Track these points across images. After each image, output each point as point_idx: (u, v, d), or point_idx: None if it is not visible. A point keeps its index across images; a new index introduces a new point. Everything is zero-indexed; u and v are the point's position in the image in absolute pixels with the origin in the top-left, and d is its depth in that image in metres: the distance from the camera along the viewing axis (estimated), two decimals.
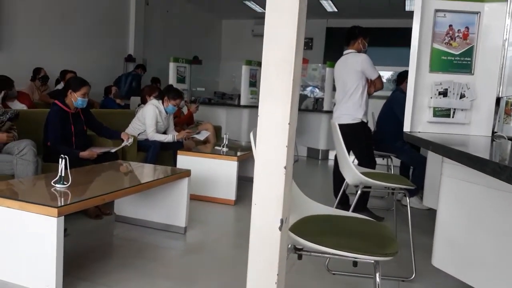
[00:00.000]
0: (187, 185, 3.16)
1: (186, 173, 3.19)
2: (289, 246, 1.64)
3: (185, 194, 3.17)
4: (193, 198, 3.85)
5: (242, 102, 7.53)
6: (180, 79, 8.10)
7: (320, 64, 8.92)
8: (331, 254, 1.50)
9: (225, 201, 4.09)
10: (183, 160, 4.12)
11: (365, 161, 3.77)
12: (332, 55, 4.99)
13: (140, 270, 2.53)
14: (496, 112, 2.39)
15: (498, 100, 2.40)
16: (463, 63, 2.43)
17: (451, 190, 2.11)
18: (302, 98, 8.62)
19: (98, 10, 8.10)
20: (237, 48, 11.82)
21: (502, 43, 2.35)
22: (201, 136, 4.98)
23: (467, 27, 2.40)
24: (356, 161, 3.94)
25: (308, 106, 7.88)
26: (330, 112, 5.74)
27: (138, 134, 4.62)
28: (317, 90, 8.95)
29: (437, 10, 2.41)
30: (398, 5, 9.37)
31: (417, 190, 4.02)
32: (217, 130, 6.04)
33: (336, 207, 3.31)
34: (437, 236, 2.22)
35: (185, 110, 6.04)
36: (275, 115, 1.34)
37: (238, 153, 4.31)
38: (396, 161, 4.51)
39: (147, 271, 2.52)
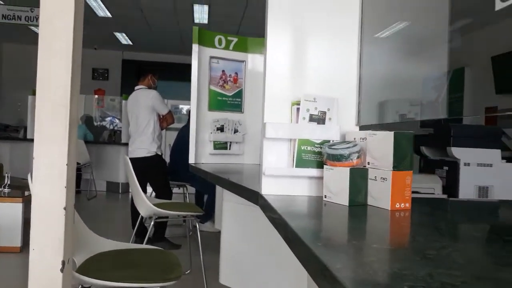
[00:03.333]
0: None
1: None
2: (79, 286, 1.64)
3: None
4: None
5: (30, 135, 6.85)
6: None
7: (118, 96, 8.81)
8: (117, 287, 1.57)
9: (8, 249, 3.64)
10: None
11: (162, 192, 3.92)
12: (128, 87, 5.05)
13: None
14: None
15: None
16: (235, 103, 2.85)
17: (230, 212, 2.42)
18: (100, 129, 8.34)
19: None
20: (22, 75, 10.67)
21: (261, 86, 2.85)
22: None
23: (236, 73, 2.83)
24: (154, 193, 4.05)
25: (106, 139, 7.67)
26: (128, 144, 5.74)
27: None
28: (117, 120, 8.79)
29: (211, 57, 2.77)
30: (189, 43, 10.04)
31: (211, 214, 4.35)
32: None
33: (135, 241, 3.35)
34: (222, 255, 2.49)
35: None
36: (52, 157, 1.36)
37: (25, 193, 3.91)
38: (192, 190, 4.79)
39: None
